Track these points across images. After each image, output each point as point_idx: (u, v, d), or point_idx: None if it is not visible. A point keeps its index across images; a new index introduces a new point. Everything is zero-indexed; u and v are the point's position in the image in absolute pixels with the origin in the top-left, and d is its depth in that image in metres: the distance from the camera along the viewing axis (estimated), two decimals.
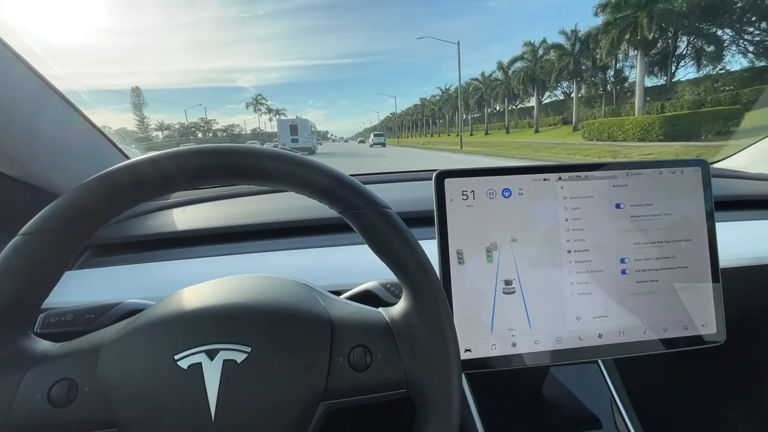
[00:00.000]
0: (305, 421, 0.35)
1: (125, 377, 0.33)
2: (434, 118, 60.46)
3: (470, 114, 46.90)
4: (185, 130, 61.13)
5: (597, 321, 0.53)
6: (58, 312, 0.48)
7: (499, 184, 0.52)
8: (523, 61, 32.20)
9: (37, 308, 0.34)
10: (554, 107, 36.11)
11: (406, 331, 0.36)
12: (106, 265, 0.68)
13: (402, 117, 75.40)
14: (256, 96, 65.15)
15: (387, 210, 0.36)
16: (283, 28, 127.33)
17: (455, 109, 48.65)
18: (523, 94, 34.31)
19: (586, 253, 0.53)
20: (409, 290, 0.37)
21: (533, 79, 31.38)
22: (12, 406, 0.31)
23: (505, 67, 35.04)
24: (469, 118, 46.74)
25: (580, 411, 0.62)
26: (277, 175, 0.35)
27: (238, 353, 0.33)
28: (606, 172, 0.54)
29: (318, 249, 0.71)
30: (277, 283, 0.41)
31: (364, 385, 0.36)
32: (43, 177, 0.68)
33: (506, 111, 38.60)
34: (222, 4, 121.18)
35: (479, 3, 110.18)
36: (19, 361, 0.33)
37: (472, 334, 0.51)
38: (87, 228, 0.34)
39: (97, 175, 0.33)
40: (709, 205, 0.55)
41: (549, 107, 36.45)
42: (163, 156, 0.34)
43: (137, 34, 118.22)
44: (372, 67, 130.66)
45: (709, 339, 0.55)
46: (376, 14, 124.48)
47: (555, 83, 30.44)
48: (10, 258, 0.31)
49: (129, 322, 0.36)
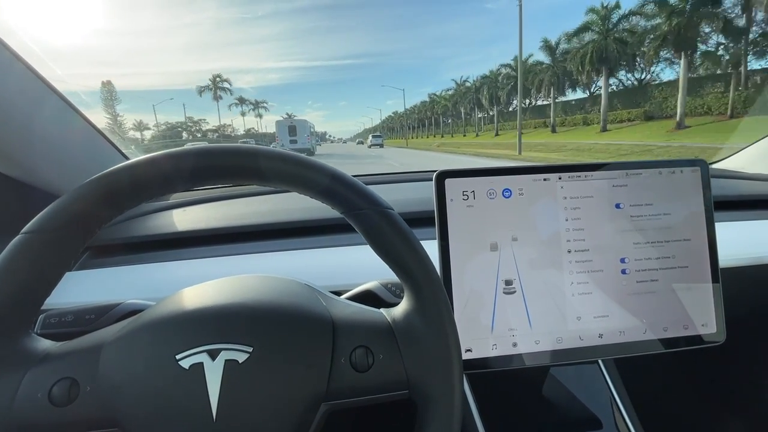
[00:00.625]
0: (306, 422, 0.35)
1: (126, 377, 0.33)
2: (446, 115, 53.58)
3: (496, 108, 38.65)
4: (170, 131, 57.06)
5: (597, 321, 0.53)
6: (58, 312, 0.48)
7: (499, 184, 0.52)
8: (590, 33, 23.44)
9: (37, 308, 0.34)
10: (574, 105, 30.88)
11: (408, 332, 0.36)
12: (106, 266, 0.68)
13: (407, 116, 70.25)
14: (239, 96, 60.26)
15: (389, 211, 0.36)
16: (283, 29, 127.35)
17: (474, 105, 42.43)
18: (586, 78, 25.19)
19: (586, 253, 0.53)
20: (410, 291, 0.37)
21: (604, 58, 22.70)
22: (13, 405, 0.31)
23: (557, 44, 26.99)
24: (495, 113, 39.05)
25: (580, 411, 0.62)
26: (278, 175, 0.35)
27: (239, 353, 0.33)
28: (606, 173, 0.54)
29: (319, 249, 0.71)
30: (279, 283, 0.41)
31: (365, 386, 0.36)
32: (43, 177, 0.68)
33: (552, 103, 30.53)
34: (222, 4, 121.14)
35: (477, 4, 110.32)
36: (21, 361, 0.33)
37: (473, 334, 0.51)
38: (88, 228, 0.34)
39: (97, 176, 0.33)
40: (709, 205, 0.55)
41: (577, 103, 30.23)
42: (163, 156, 0.34)
43: (137, 34, 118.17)
44: (371, 68, 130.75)
45: (709, 339, 0.55)
46: (375, 16, 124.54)
47: (655, 55, 20.86)
48: (12, 257, 0.31)
49: (130, 321, 0.36)
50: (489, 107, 40.49)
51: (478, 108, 43.17)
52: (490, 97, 37.94)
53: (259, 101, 63.20)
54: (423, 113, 62.28)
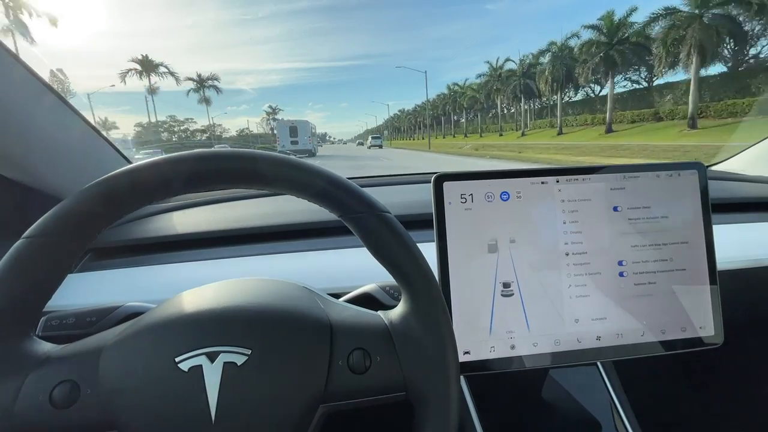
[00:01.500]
0: (305, 424, 0.35)
1: (126, 379, 0.33)
2: (473, 109, 43.60)
3: (560, 96, 28.75)
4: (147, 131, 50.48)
5: (595, 323, 0.53)
6: (59, 315, 0.48)
7: (497, 187, 0.52)
8: None
9: (39, 311, 0.35)
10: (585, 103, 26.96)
11: (405, 334, 0.37)
12: (107, 268, 0.68)
13: (417, 113, 60.59)
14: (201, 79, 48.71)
15: (386, 214, 0.37)
16: (284, 31, 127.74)
17: (520, 93, 31.13)
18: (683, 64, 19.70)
19: (584, 256, 0.53)
20: (407, 293, 0.37)
21: None
22: (15, 407, 0.32)
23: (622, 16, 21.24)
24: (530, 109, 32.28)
25: (579, 414, 0.62)
26: (275, 178, 0.36)
27: (238, 356, 0.34)
28: (603, 175, 0.54)
29: (317, 252, 0.71)
30: (277, 286, 0.41)
31: (363, 388, 0.36)
32: (44, 180, 0.69)
33: (610, 93, 24.38)
34: (222, 6, 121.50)
35: (477, 5, 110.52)
36: (22, 363, 0.33)
37: (471, 336, 0.51)
38: (89, 231, 0.34)
39: (99, 180, 0.33)
40: (706, 207, 0.56)
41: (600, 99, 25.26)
42: (163, 161, 0.34)
43: (137, 36, 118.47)
44: (372, 70, 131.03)
45: (708, 341, 0.56)
46: (375, 17, 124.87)
47: None
48: (13, 260, 0.32)
49: (130, 324, 0.37)
50: (550, 93, 28.52)
51: (526, 97, 32.26)
52: (527, 89, 28.70)
53: (210, 77, 50.12)
54: (439, 108, 52.86)
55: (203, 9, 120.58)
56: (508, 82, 33.27)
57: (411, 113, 66.72)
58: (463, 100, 43.24)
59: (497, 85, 35.30)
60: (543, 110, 35.52)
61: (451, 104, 46.86)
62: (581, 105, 32.26)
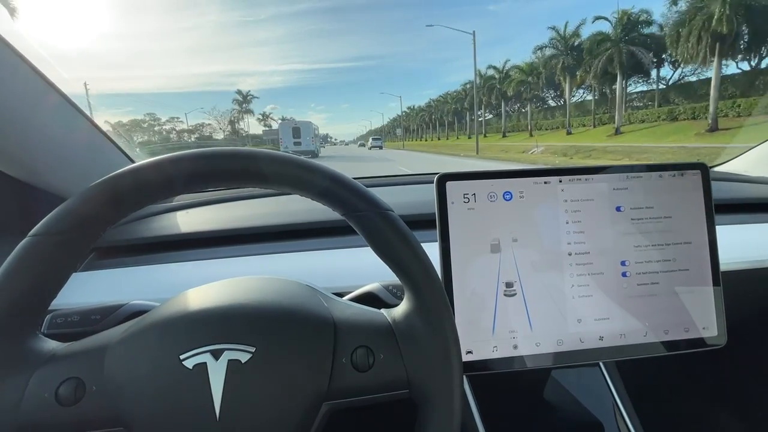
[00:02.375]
0: (308, 421, 0.35)
1: (131, 376, 0.33)
2: (490, 108, 36.98)
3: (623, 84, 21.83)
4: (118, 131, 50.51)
5: (598, 323, 0.53)
6: (64, 313, 0.48)
7: (500, 187, 0.52)
8: None
9: (44, 309, 0.35)
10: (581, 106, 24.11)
11: (408, 333, 0.37)
12: (111, 267, 0.69)
13: (433, 108, 53.56)
14: None
15: (389, 212, 0.37)
16: (285, 32, 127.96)
17: (601, 75, 21.61)
18: None
19: (586, 256, 0.53)
20: (411, 292, 0.38)
21: None
22: (20, 404, 0.32)
23: None
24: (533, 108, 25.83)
25: (581, 414, 0.62)
26: (278, 177, 0.36)
27: (242, 353, 0.34)
28: (606, 176, 0.54)
29: (321, 251, 0.71)
30: (281, 284, 0.42)
31: (366, 386, 0.36)
32: (48, 180, 0.69)
33: (659, 86, 19.71)
34: (224, 7, 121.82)
35: (480, 6, 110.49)
36: (28, 361, 0.33)
37: (474, 336, 0.51)
38: (94, 230, 0.34)
39: (103, 179, 0.34)
40: (710, 208, 0.56)
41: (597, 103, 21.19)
42: (166, 160, 0.34)
43: (139, 37, 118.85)
44: (373, 71, 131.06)
45: (710, 342, 0.55)
46: (377, 18, 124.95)
47: None
48: (20, 259, 0.32)
49: (135, 322, 0.37)
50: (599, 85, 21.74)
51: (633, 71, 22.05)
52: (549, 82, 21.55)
53: None
54: (449, 105, 46.56)
55: (205, 11, 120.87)
56: (598, 50, 22.10)
57: (424, 109, 59.62)
58: (508, 86, 30.97)
59: (567, 60, 24.22)
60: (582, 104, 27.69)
61: (486, 93, 34.77)
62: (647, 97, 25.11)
